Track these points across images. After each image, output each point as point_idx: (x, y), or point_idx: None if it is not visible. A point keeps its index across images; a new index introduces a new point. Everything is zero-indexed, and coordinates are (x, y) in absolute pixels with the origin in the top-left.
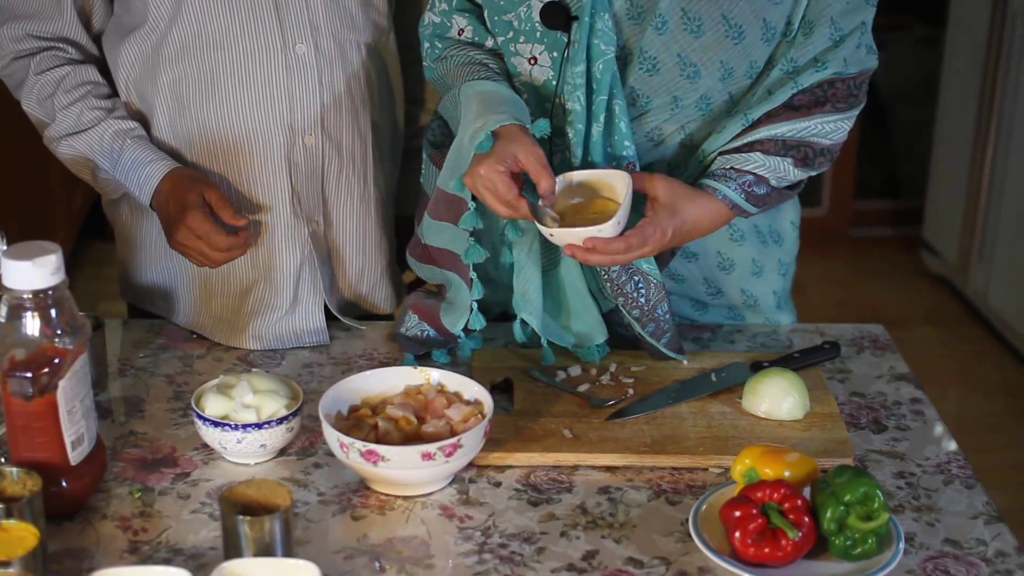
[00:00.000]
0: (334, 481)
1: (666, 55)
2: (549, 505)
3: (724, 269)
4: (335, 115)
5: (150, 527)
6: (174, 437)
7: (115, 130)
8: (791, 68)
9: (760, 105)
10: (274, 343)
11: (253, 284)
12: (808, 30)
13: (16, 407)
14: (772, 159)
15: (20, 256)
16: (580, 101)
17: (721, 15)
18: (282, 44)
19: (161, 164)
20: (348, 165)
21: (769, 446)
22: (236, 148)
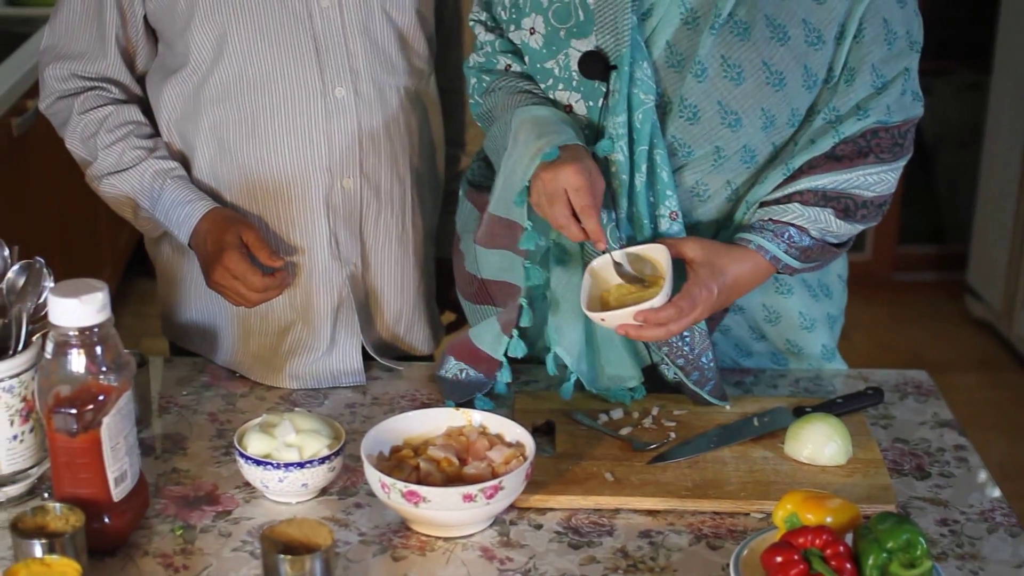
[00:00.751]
0: (375, 521)
1: (707, 103)
2: (590, 548)
3: (770, 322)
4: (374, 158)
5: (191, 564)
6: (216, 475)
7: (156, 169)
8: (833, 117)
9: (801, 154)
10: (311, 383)
11: (291, 324)
12: (850, 77)
13: (60, 443)
14: (811, 210)
15: (67, 293)
16: (623, 151)
17: (761, 62)
18: (322, 88)
19: (200, 204)
20: (387, 208)
21: (811, 492)
22: (275, 190)
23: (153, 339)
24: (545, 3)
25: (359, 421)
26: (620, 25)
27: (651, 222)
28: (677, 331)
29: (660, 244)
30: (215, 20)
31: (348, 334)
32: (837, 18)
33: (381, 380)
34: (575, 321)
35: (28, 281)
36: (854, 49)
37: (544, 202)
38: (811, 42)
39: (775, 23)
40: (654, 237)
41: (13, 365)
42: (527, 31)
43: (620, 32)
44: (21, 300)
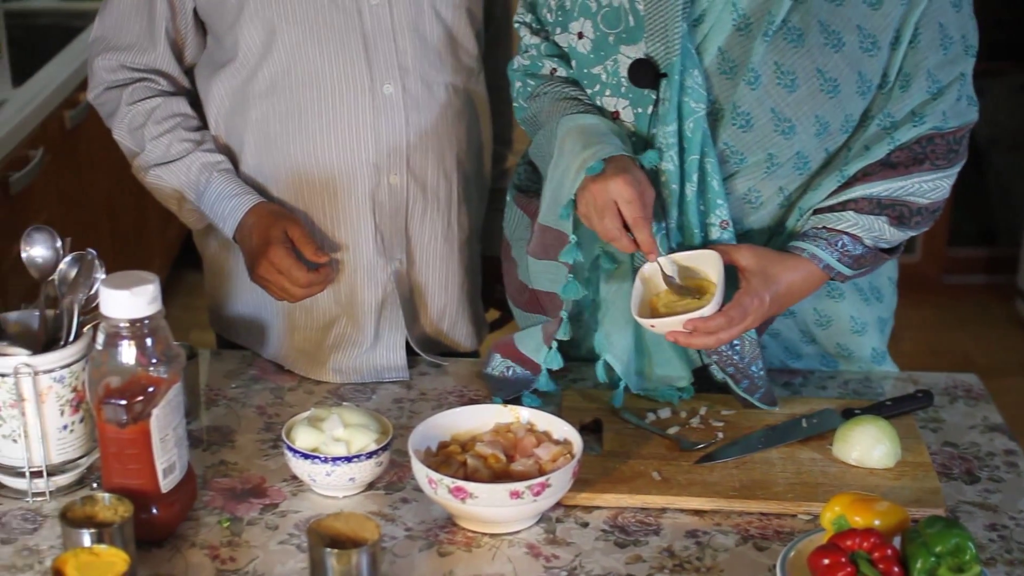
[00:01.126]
0: (421, 516)
1: (760, 110)
2: (636, 547)
3: (821, 326)
4: (421, 155)
5: (238, 556)
6: (264, 468)
7: (203, 162)
8: (888, 123)
9: (856, 161)
10: (355, 377)
11: (335, 319)
12: (905, 83)
13: (110, 434)
14: (866, 218)
15: (118, 285)
16: (673, 161)
17: (815, 68)
18: (370, 84)
19: (246, 198)
20: (432, 204)
21: (859, 494)
22: (321, 185)
23: (201, 331)
24: (594, 7)
25: (406, 416)
26: (671, 33)
27: (701, 231)
28: (727, 339)
29: (713, 251)
30: (264, 15)
31: (392, 330)
32: (892, 24)
33: (428, 376)
34: (625, 328)
35: (80, 272)
36: (909, 55)
37: (593, 214)
38: (866, 48)
39: (829, 29)
40: (705, 246)
41: (64, 356)
42: (575, 35)
43: (671, 40)
44: (73, 291)
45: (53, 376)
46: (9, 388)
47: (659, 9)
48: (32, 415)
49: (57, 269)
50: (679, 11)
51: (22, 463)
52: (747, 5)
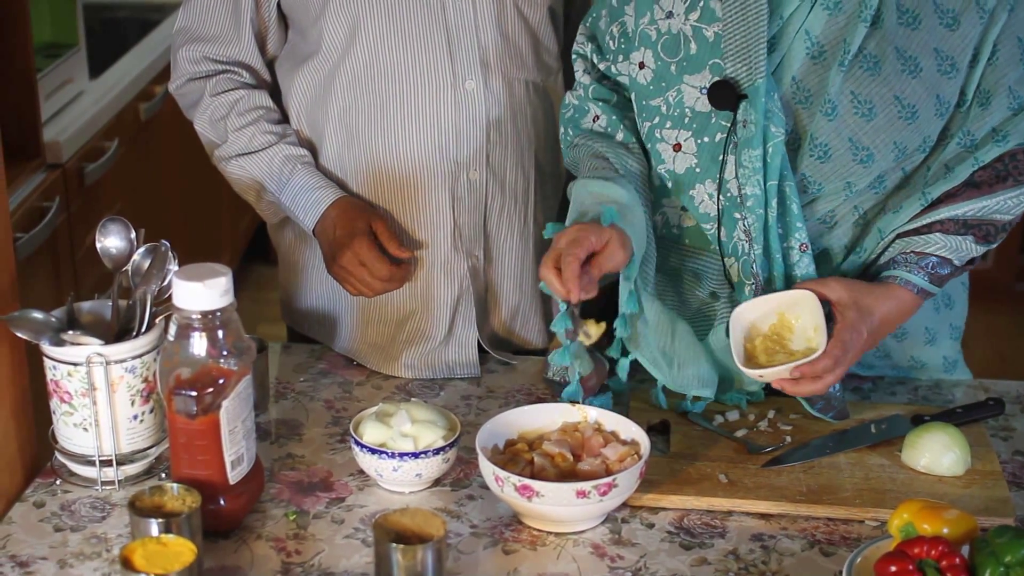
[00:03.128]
0: (487, 514)
1: (837, 140)
2: (702, 549)
3: (896, 338)
4: (500, 151)
5: (303, 550)
6: (331, 462)
7: (285, 155)
8: (969, 142)
9: (939, 183)
10: (426, 373)
11: (410, 314)
12: (985, 100)
13: (180, 424)
14: (953, 239)
15: (191, 277)
16: (760, 185)
17: (893, 96)
18: (452, 79)
19: (331, 191)
20: (510, 201)
21: (928, 501)
22: (401, 180)
23: (270, 325)
24: (654, 36)
25: (474, 413)
26: (753, 54)
27: (781, 255)
28: (834, 381)
29: (806, 291)
30: (348, 9)
31: (465, 326)
32: (971, 43)
33: (497, 373)
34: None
35: (153, 264)
36: (988, 72)
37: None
38: (944, 71)
39: (906, 55)
40: (785, 271)
41: (136, 346)
42: (636, 65)
43: (753, 61)
44: (146, 282)
45: (125, 366)
46: (81, 377)
47: (741, 29)
48: (103, 404)
49: (131, 260)
50: (763, 30)
51: (92, 452)
52: (821, 33)
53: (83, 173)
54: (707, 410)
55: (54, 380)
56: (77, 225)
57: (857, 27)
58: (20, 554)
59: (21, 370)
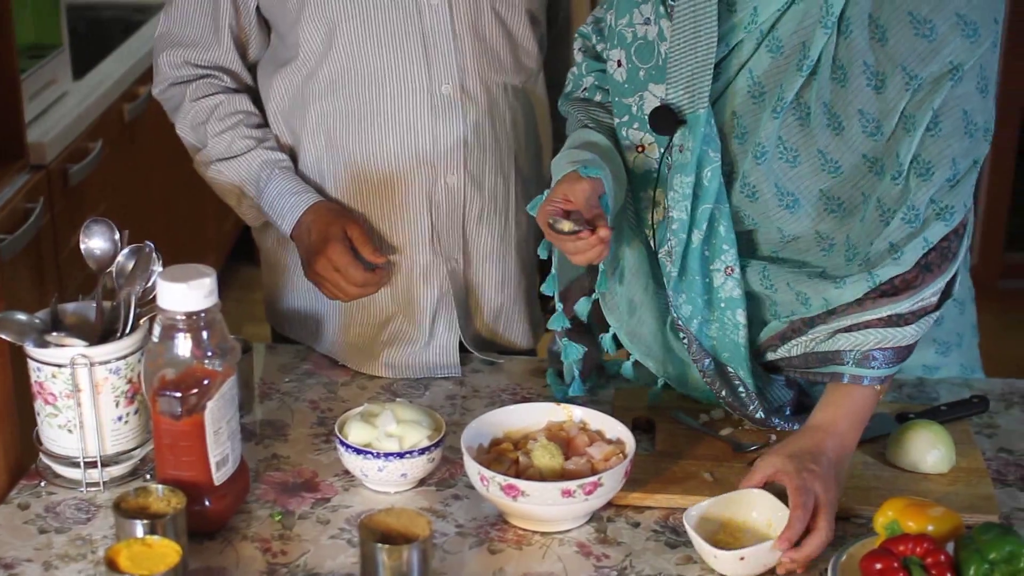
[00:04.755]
0: (473, 514)
1: (765, 184)
2: (687, 548)
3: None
4: (478, 155)
5: (289, 550)
6: (316, 462)
7: (264, 159)
8: (913, 216)
9: (888, 266)
10: (407, 372)
11: (391, 317)
12: (925, 172)
13: (164, 425)
14: (892, 331)
15: (175, 278)
16: (686, 210)
17: (817, 150)
18: (428, 84)
19: (306, 196)
20: (490, 205)
21: (913, 499)
22: (379, 184)
23: (255, 325)
24: (629, 38)
25: (459, 413)
26: (698, 82)
27: (704, 277)
28: (830, 534)
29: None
30: (325, 14)
31: (447, 328)
32: (897, 108)
33: (482, 373)
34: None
35: (137, 265)
36: (929, 142)
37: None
38: (869, 132)
39: (832, 112)
40: (705, 292)
41: (120, 347)
42: (615, 62)
43: (698, 89)
44: (130, 283)
45: (109, 367)
46: (65, 379)
47: (689, 56)
48: (87, 406)
49: (115, 261)
50: (711, 59)
51: (77, 453)
52: (763, 74)
53: (67, 174)
54: (692, 409)
55: (38, 382)
56: (61, 226)
57: (794, 76)
58: (4, 556)
59: (5, 372)
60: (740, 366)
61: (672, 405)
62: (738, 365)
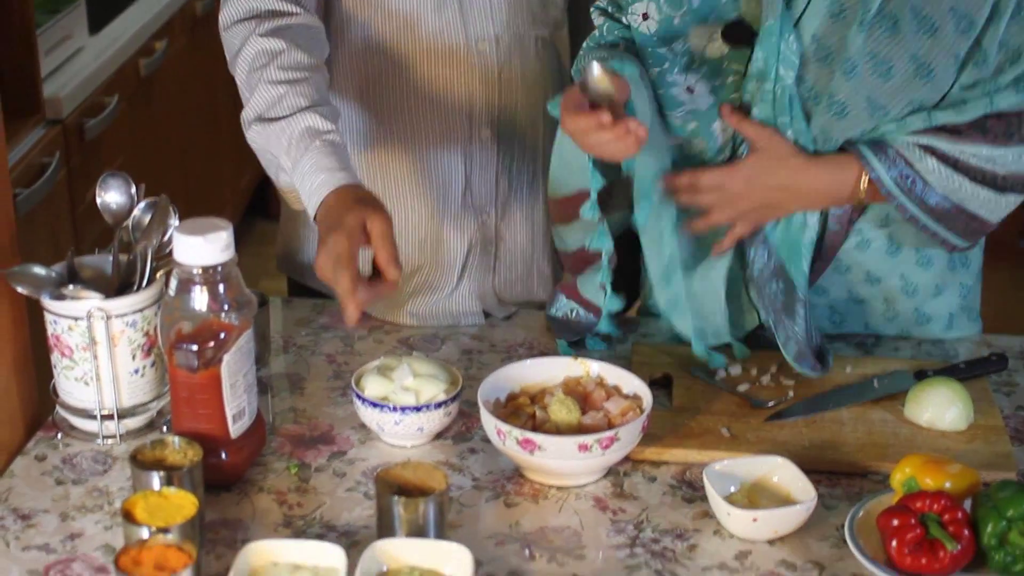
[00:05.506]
0: (489, 467)
1: (855, 99)
2: (704, 503)
3: (907, 294)
4: (512, 108)
5: (305, 503)
6: (332, 416)
7: (306, 126)
8: (992, 88)
9: (949, 111)
10: (430, 321)
11: (418, 268)
12: (1015, 57)
13: (181, 378)
14: (946, 170)
15: (192, 232)
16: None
17: (910, 56)
18: (464, 39)
19: (338, 175)
20: (520, 157)
21: (930, 456)
22: (414, 138)
23: (271, 280)
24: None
25: (476, 367)
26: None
27: None
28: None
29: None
30: None
31: (474, 279)
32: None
33: (499, 327)
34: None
35: (154, 218)
36: (1013, 27)
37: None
38: (962, 29)
39: (922, 15)
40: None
41: (137, 301)
42: (639, 16)
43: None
44: (146, 237)
45: (126, 320)
46: (82, 332)
47: None
48: (104, 359)
49: (131, 215)
50: None
51: (93, 406)
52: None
53: (83, 129)
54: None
55: (55, 335)
56: (77, 181)
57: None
58: (22, 507)
59: (22, 325)
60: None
61: (690, 362)
62: (795, 265)
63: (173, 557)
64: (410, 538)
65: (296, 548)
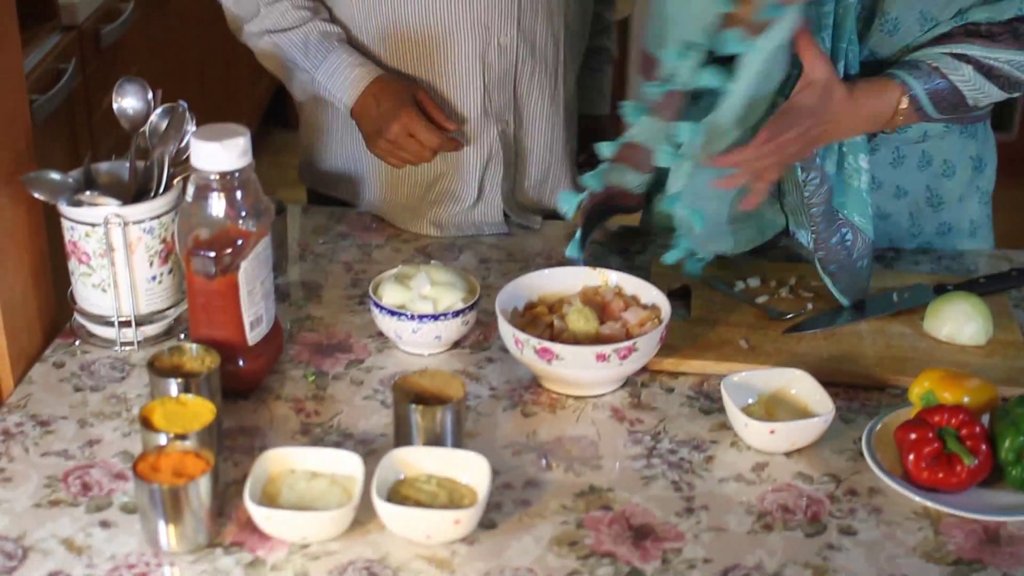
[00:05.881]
0: (506, 376)
1: (908, 13)
2: (720, 414)
3: (932, 206)
4: (531, 15)
5: (322, 410)
6: (350, 324)
7: (321, 31)
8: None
9: (980, 8)
10: (453, 231)
11: (439, 176)
12: None
13: (198, 285)
14: (977, 77)
15: (209, 137)
16: (825, 44)
17: None
18: None
19: (369, 67)
20: (540, 66)
21: (949, 370)
22: (431, 45)
23: (289, 189)
24: None
25: (494, 276)
26: None
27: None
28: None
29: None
30: None
31: (495, 189)
32: None
33: (516, 237)
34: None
35: (171, 124)
36: None
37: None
38: None
39: None
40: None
41: (154, 207)
42: None
43: None
44: (163, 143)
45: (143, 227)
46: (99, 238)
47: None
48: (121, 265)
49: (148, 121)
50: None
51: (111, 312)
52: None
53: (99, 35)
54: (728, 277)
55: (72, 241)
56: (93, 88)
57: None
58: (41, 413)
59: (39, 231)
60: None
61: (709, 273)
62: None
63: (191, 464)
64: (427, 446)
65: (313, 456)
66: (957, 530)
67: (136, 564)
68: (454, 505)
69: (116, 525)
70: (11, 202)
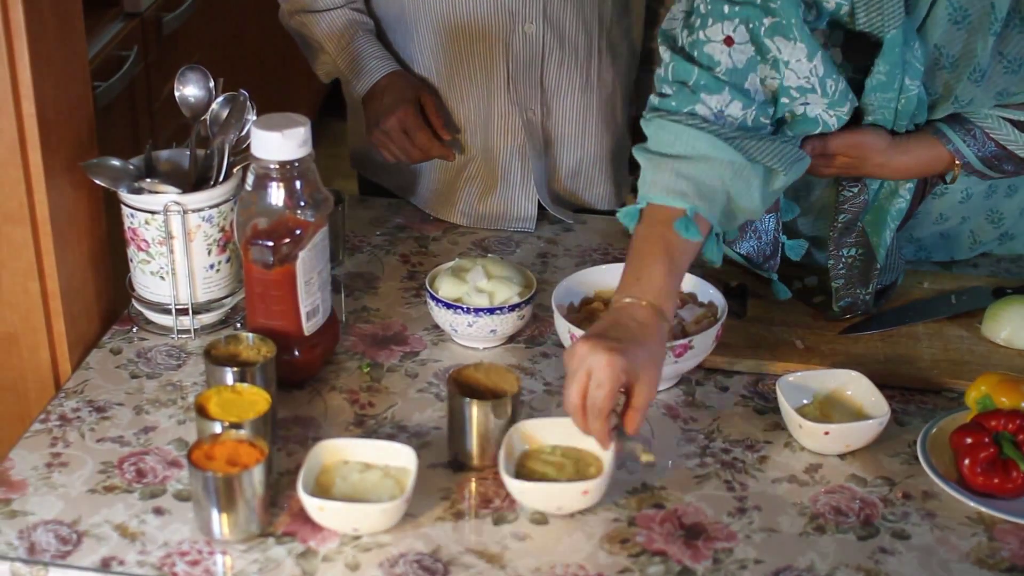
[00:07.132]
0: (561, 372)
1: (984, 96)
2: (775, 414)
3: (994, 223)
4: (559, 4)
5: (377, 402)
6: (405, 316)
7: (349, 19)
8: None
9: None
10: (480, 222)
11: (468, 162)
12: None
13: (256, 274)
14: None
15: (270, 127)
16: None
17: None
18: None
19: (386, 63)
20: (570, 57)
21: (1007, 375)
22: (456, 31)
23: (345, 180)
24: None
25: (550, 271)
26: (888, 3)
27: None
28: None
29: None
30: None
31: (524, 180)
32: None
33: (573, 232)
34: None
35: (231, 113)
36: None
37: None
38: None
39: None
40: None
41: (213, 195)
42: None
43: (888, 11)
44: (224, 132)
45: (202, 215)
46: (158, 225)
47: None
48: (180, 253)
49: (209, 109)
50: None
51: (169, 300)
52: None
53: (161, 23)
54: (785, 275)
55: (131, 228)
56: (155, 75)
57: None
58: (97, 399)
59: (99, 218)
60: (880, 236)
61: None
62: (878, 234)
63: (245, 453)
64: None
65: (367, 447)
66: (1011, 536)
67: (189, 551)
68: (579, 475)
69: (170, 512)
70: (72, 188)
